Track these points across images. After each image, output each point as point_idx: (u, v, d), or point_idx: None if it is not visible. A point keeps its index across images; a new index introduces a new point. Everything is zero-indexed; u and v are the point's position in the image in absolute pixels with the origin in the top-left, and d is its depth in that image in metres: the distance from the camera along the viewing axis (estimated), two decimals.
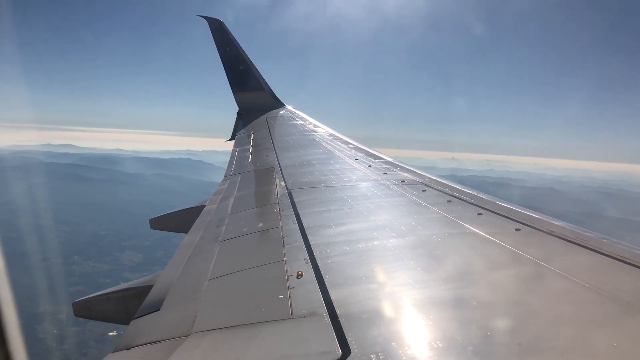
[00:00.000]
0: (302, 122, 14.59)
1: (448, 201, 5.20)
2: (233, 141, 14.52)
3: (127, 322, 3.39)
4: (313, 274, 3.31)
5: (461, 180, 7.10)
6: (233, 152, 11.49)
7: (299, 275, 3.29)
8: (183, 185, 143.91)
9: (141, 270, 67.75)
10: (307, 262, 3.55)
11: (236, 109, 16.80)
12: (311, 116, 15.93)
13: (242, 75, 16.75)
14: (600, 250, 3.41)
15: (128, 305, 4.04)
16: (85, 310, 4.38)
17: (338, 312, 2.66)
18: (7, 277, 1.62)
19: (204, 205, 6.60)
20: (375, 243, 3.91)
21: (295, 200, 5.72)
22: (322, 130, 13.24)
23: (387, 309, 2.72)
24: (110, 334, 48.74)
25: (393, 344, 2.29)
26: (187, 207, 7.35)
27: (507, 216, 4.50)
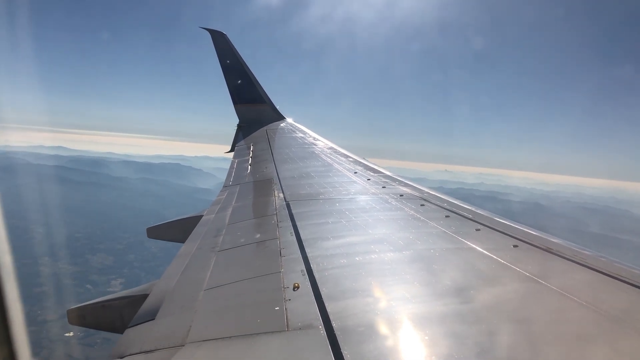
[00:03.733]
0: (302, 135, 14.64)
1: (446, 216, 5.20)
2: (229, 149, 14.66)
3: (121, 331, 3.37)
4: (310, 286, 3.29)
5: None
6: (232, 163, 11.52)
7: (296, 287, 3.28)
8: (166, 190, 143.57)
9: (108, 273, 68.50)
10: (304, 274, 3.54)
11: (234, 116, 16.88)
12: (309, 127, 16.02)
13: (243, 87, 16.85)
14: (598, 269, 3.41)
15: (123, 314, 4.01)
16: (80, 318, 4.34)
17: (334, 325, 2.64)
18: (14, 276, 1.62)
19: (202, 215, 6.59)
20: (373, 256, 3.90)
21: (294, 211, 5.71)
22: (322, 143, 13.28)
23: (384, 323, 2.70)
24: (67, 334, 48.31)
25: (389, 358, 2.28)
26: (184, 216, 7.34)
27: (505, 232, 4.50)
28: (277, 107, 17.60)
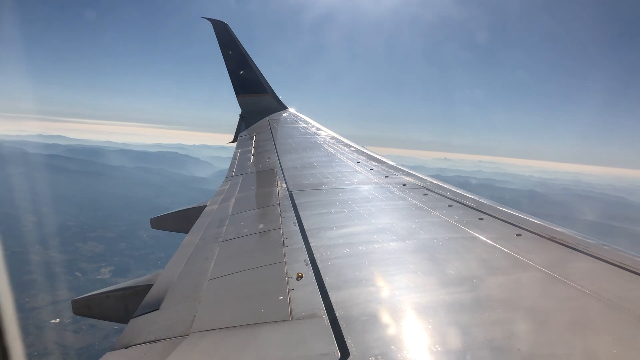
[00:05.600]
0: (304, 125, 14.61)
1: (449, 205, 5.20)
2: (229, 138, 14.69)
3: (126, 321, 3.39)
4: (313, 275, 3.30)
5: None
6: (235, 153, 11.52)
7: (299, 277, 3.29)
8: (162, 179, 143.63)
9: (98, 261, 68.62)
10: (307, 264, 3.55)
11: (236, 105, 16.85)
12: (310, 116, 16.01)
13: (245, 78, 16.80)
14: (601, 257, 3.41)
15: (127, 304, 4.03)
16: (85, 308, 4.37)
17: (337, 314, 2.65)
18: (5, 270, 1.60)
19: (205, 206, 6.61)
20: (376, 246, 3.90)
21: (297, 202, 5.72)
22: (325, 133, 13.27)
23: (387, 312, 2.71)
24: (53, 321, 48.81)
25: (392, 347, 2.29)
26: (187, 207, 7.35)
27: (508, 221, 4.49)
28: (280, 97, 17.57)
